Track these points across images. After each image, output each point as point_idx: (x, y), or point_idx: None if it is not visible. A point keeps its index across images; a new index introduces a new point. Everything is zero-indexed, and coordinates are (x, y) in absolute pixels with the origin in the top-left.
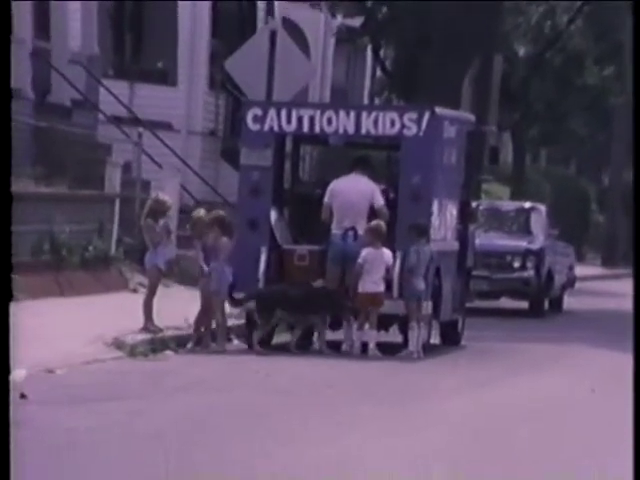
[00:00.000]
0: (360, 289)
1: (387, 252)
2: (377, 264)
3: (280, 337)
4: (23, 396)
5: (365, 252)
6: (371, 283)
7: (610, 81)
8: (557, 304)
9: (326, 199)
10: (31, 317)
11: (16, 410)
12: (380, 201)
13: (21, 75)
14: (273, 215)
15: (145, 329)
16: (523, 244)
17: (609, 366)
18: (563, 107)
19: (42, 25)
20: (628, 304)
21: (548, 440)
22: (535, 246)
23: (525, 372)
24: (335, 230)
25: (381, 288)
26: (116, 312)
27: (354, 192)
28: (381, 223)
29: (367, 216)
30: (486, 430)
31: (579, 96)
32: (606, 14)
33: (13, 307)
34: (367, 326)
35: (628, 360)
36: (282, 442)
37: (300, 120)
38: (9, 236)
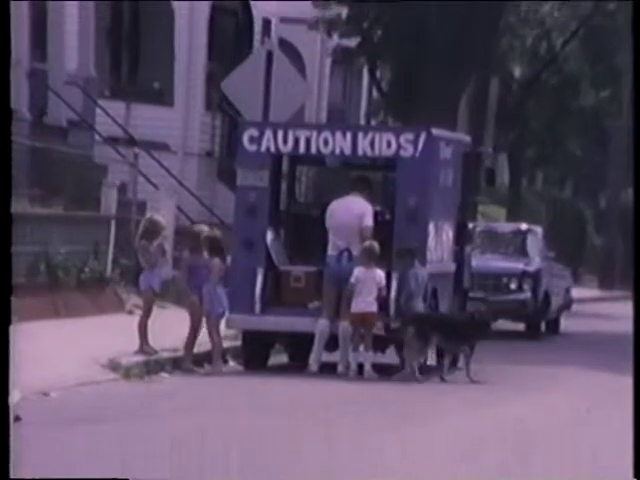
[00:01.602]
0: (353, 309)
1: (379, 272)
2: (369, 284)
3: (276, 359)
4: (17, 418)
5: (357, 272)
6: (363, 303)
7: (606, 103)
8: (554, 326)
9: (327, 223)
10: (26, 338)
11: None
12: (367, 222)
13: (18, 96)
14: (269, 236)
15: (140, 351)
16: (520, 266)
17: (606, 388)
18: (559, 129)
19: (39, 46)
20: (625, 326)
21: (545, 461)
22: (532, 268)
23: (522, 394)
24: (330, 252)
25: (373, 308)
26: (111, 334)
27: (348, 213)
28: (374, 243)
29: (360, 234)
30: (483, 452)
31: (575, 118)
32: (601, 37)
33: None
34: (362, 347)
35: (625, 382)
36: (277, 464)
37: (296, 141)
38: (9, 259)
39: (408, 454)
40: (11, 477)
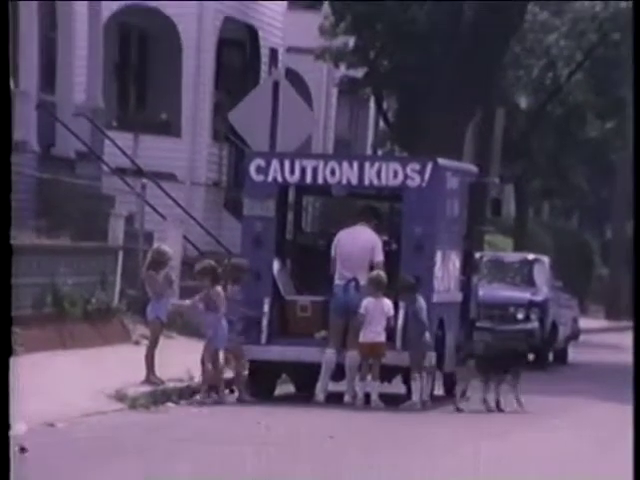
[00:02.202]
0: (361, 339)
1: (388, 302)
2: (378, 314)
3: (282, 389)
4: (23, 450)
5: (366, 302)
6: (372, 333)
7: (611, 135)
8: (561, 356)
9: (332, 252)
10: (32, 370)
11: (16, 464)
12: (379, 257)
13: (26, 128)
14: (276, 266)
15: (147, 381)
16: (527, 295)
17: (613, 419)
18: (564, 160)
19: (48, 78)
20: (631, 357)
21: None
22: (539, 298)
23: (529, 424)
24: (337, 281)
25: (382, 338)
26: (118, 364)
27: (356, 244)
28: (381, 273)
29: (368, 268)
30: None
31: (580, 149)
32: (606, 69)
33: (14, 360)
34: (370, 377)
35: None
36: None
37: (303, 171)
38: (9, 290)
39: None
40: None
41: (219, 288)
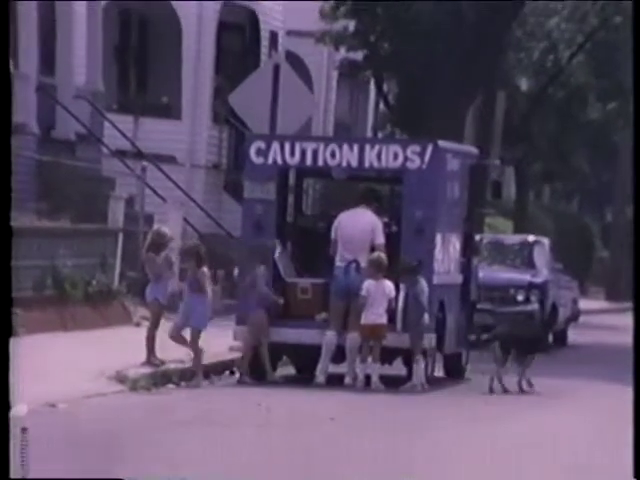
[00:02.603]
0: (363, 321)
1: (389, 284)
2: (379, 296)
3: (282, 370)
4: (24, 430)
5: (367, 284)
6: (373, 315)
7: (612, 117)
8: (561, 338)
9: (333, 234)
10: (33, 351)
11: (17, 444)
12: (380, 239)
13: (26, 110)
14: (276, 248)
15: (148, 363)
16: (527, 277)
17: (613, 401)
18: (565, 143)
19: (47, 61)
20: (631, 338)
21: (550, 475)
22: (539, 279)
23: (529, 406)
24: (338, 263)
25: (384, 320)
26: (119, 346)
27: (357, 226)
28: (382, 255)
29: (369, 250)
30: (490, 465)
31: (581, 132)
32: (607, 51)
33: (15, 342)
34: (370, 359)
35: (632, 393)
36: (283, 477)
37: (303, 153)
38: (9, 271)
39: (414, 465)
40: (11, 477)
41: (205, 269)
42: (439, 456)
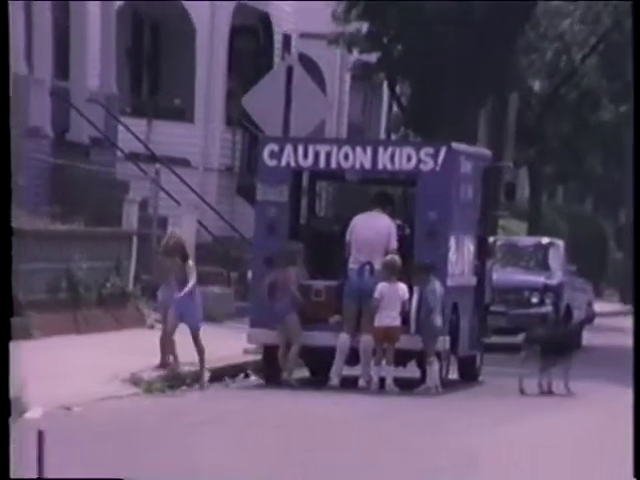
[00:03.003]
0: (376, 323)
1: (402, 287)
2: (393, 299)
3: (296, 373)
4: (40, 434)
5: (381, 286)
6: (387, 318)
7: (625, 119)
8: (576, 340)
9: (348, 237)
10: (48, 354)
11: (32, 447)
12: (394, 244)
13: (40, 114)
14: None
15: (161, 365)
16: (541, 279)
17: (628, 403)
18: (578, 144)
19: (61, 65)
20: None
21: (563, 477)
22: (553, 281)
23: (543, 409)
24: (352, 265)
25: (397, 323)
26: (133, 349)
27: (372, 229)
28: (396, 257)
29: (384, 253)
30: (504, 468)
31: (594, 133)
32: (620, 52)
33: (29, 345)
34: (384, 362)
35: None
36: (297, 479)
37: (317, 156)
38: (9, 275)
39: (429, 468)
40: (11, 477)
41: (191, 263)
42: (453, 460)
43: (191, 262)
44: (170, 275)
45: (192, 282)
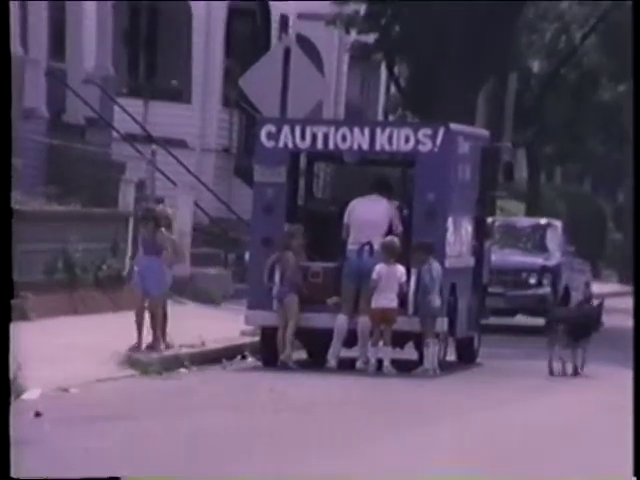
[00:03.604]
0: (373, 305)
1: (400, 268)
2: (391, 280)
3: (294, 355)
4: (38, 414)
5: (379, 268)
6: (385, 299)
7: (625, 99)
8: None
9: (345, 219)
10: (44, 336)
11: (31, 428)
12: (399, 227)
13: (36, 95)
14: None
15: (139, 343)
16: (539, 261)
17: (626, 384)
18: (578, 124)
19: (57, 46)
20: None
21: (562, 460)
22: (551, 263)
23: (541, 390)
24: (350, 246)
25: (394, 304)
26: (130, 330)
27: (372, 210)
28: (395, 239)
29: (384, 235)
30: (501, 450)
31: (594, 113)
32: (620, 32)
33: (26, 326)
34: (381, 343)
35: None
36: (294, 460)
37: (314, 137)
38: (10, 257)
39: (425, 451)
40: (12, 476)
41: (164, 230)
42: (450, 442)
43: (165, 231)
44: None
45: (170, 252)
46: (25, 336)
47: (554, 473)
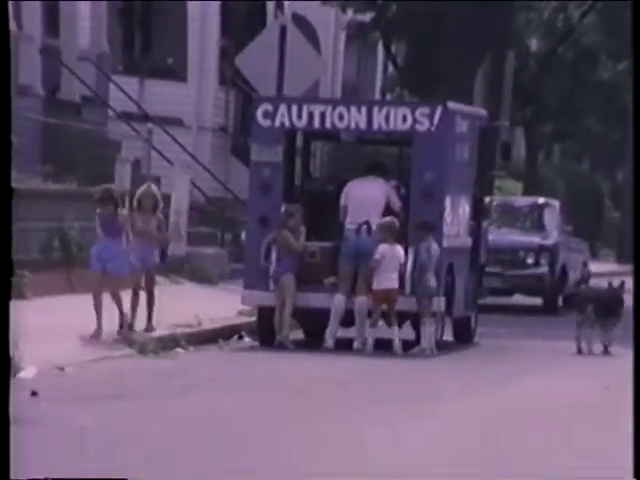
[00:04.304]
0: (376, 286)
1: (400, 248)
2: (393, 261)
3: (291, 335)
4: (34, 393)
5: (382, 248)
6: (387, 280)
7: (624, 77)
8: (571, 301)
9: (342, 201)
10: (41, 314)
11: (27, 407)
12: (398, 202)
13: (30, 72)
14: (284, 211)
15: (98, 329)
16: (537, 240)
17: (624, 363)
18: (577, 103)
19: (51, 22)
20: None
21: (558, 441)
22: (549, 242)
23: (539, 370)
24: (349, 225)
25: (396, 285)
26: (126, 309)
27: (369, 189)
28: (394, 219)
29: (381, 214)
30: (497, 430)
31: (592, 92)
32: (619, 10)
33: (22, 305)
34: (380, 323)
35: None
36: (291, 441)
37: (311, 116)
38: (9, 234)
39: (422, 432)
40: (11, 478)
41: (124, 212)
42: (446, 422)
43: (124, 211)
44: (99, 223)
45: (128, 232)
46: (21, 315)
47: (548, 455)
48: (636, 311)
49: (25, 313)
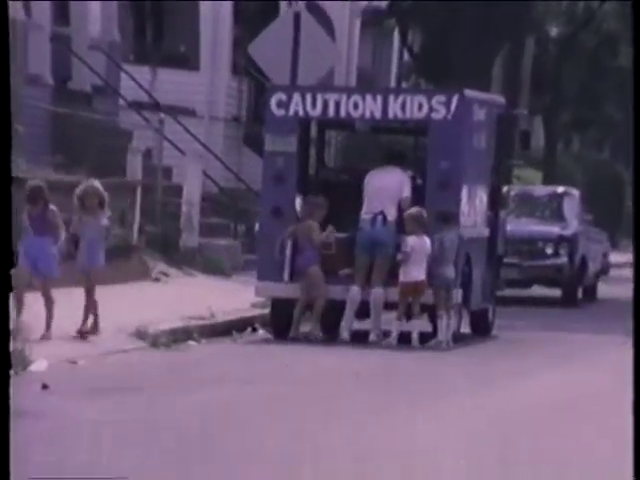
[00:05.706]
0: (403, 278)
1: (427, 240)
2: (420, 253)
3: (305, 327)
4: (45, 387)
5: (411, 240)
6: (415, 272)
7: None
8: (591, 292)
9: (364, 192)
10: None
11: (38, 401)
12: (406, 192)
13: (40, 61)
14: (298, 202)
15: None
16: (556, 230)
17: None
18: (597, 90)
19: (61, 11)
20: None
21: (577, 435)
22: (568, 232)
23: (557, 363)
24: (364, 215)
25: (424, 276)
26: (138, 301)
27: (385, 179)
28: (422, 210)
29: (397, 204)
30: (515, 424)
31: (612, 79)
32: None
33: (33, 298)
34: (415, 317)
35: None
36: (304, 433)
37: (325, 105)
38: (9, 227)
39: (440, 423)
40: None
41: (54, 208)
42: (463, 416)
43: (53, 207)
44: (28, 221)
45: (60, 230)
46: (31, 307)
47: (562, 452)
48: (636, 311)
49: (35, 305)
